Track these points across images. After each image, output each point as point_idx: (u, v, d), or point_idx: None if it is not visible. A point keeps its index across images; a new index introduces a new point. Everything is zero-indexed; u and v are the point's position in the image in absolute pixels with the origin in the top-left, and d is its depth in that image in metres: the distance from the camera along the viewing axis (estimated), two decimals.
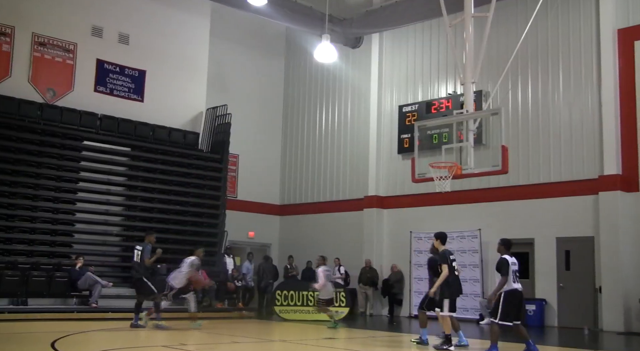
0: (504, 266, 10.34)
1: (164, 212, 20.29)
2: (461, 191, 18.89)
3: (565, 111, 18.14)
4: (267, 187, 25.00)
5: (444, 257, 11.32)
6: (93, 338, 12.68)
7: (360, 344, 12.99)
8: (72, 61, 19.90)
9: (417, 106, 21.35)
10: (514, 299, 10.38)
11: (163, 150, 20.85)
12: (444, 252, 11.46)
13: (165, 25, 21.99)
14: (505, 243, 10.71)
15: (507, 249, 10.64)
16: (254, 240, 24.07)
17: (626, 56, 17.15)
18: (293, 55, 25.89)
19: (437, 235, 11.76)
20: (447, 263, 11.22)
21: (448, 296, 11.32)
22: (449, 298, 11.32)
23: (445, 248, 11.59)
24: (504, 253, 10.57)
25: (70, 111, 19.37)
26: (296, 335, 14.36)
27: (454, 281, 11.35)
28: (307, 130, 24.98)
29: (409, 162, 17.05)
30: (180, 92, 22.08)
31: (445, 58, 20.99)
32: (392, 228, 21.64)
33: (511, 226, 18.47)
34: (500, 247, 10.72)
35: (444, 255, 11.34)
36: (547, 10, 17.63)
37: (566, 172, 17.91)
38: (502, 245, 10.70)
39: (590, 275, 17.01)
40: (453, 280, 11.34)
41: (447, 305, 11.33)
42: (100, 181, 19.41)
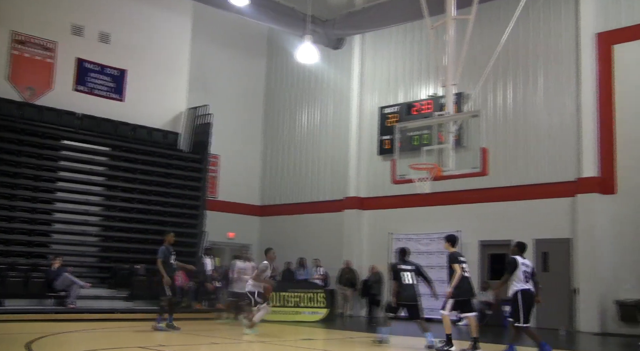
0: (510, 265, 10.69)
1: (143, 213, 20.19)
2: (441, 192, 18.96)
3: (545, 114, 18.28)
4: (247, 187, 24.95)
5: (454, 257, 11.50)
6: (70, 339, 12.58)
7: (338, 345, 13.00)
8: (52, 60, 19.76)
9: (398, 108, 21.42)
10: (529, 299, 10.64)
11: (143, 150, 20.75)
12: (454, 253, 11.61)
13: (147, 24, 21.91)
14: (519, 246, 11.09)
15: (521, 251, 10.97)
16: (234, 241, 24.01)
17: (605, 60, 17.32)
18: (275, 56, 25.87)
19: (447, 238, 11.95)
20: (457, 263, 11.40)
21: (453, 297, 11.41)
22: (454, 298, 11.40)
23: (455, 250, 11.75)
24: (515, 254, 10.88)
25: (50, 110, 19.25)
26: (275, 336, 14.34)
27: (462, 282, 11.42)
28: (288, 131, 24.96)
29: (389, 164, 17.11)
30: (161, 91, 22.00)
31: (426, 60, 21.08)
32: (372, 230, 21.69)
33: (490, 227, 18.60)
34: (514, 249, 11.09)
35: (454, 255, 11.55)
36: (527, 13, 17.76)
37: (545, 174, 18.05)
38: (516, 247, 11.08)
39: (567, 276, 17.15)
40: (462, 281, 11.40)
41: (451, 305, 11.42)
42: (80, 181, 19.28)
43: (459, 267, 11.31)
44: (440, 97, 19.31)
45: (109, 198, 19.97)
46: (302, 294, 18.40)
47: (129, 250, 19.57)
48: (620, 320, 15.98)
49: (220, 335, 13.62)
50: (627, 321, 15.86)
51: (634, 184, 16.46)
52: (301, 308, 18.29)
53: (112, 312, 16.84)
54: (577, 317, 16.67)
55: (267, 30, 25.62)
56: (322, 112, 23.98)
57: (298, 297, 18.37)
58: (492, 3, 19.20)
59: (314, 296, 18.30)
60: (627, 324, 15.88)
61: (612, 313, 16.22)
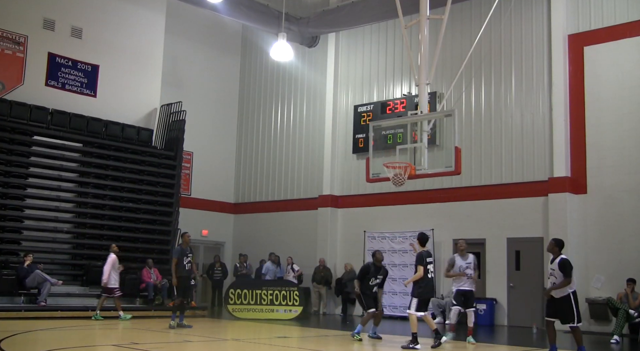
0: (568, 267, 10.05)
1: (116, 209, 20.01)
2: (415, 191, 19.13)
3: (517, 114, 18.48)
4: (221, 185, 24.86)
5: (421, 258, 11.69)
6: (41, 337, 12.43)
7: (313, 343, 13.02)
8: (23, 54, 19.46)
9: (372, 106, 21.49)
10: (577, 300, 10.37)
11: (116, 146, 20.56)
12: (422, 253, 11.78)
13: (120, 19, 21.69)
14: (558, 244, 10.46)
15: (561, 249, 10.42)
16: (208, 238, 23.93)
17: (576, 61, 17.56)
18: (249, 54, 25.80)
19: (418, 237, 12.17)
20: (422, 265, 11.60)
21: (417, 296, 11.62)
22: (418, 297, 11.62)
23: (425, 249, 11.96)
24: (558, 254, 10.31)
25: (20, 105, 18.96)
26: (249, 334, 14.32)
27: (426, 283, 11.70)
28: (263, 129, 24.91)
29: (363, 162, 17.18)
30: (134, 87, 21.80)
31: (400, 59, 21.18)
32: (346, 228, 21.74)
33: (463, 226, 18.75)
34: (554, 248, 10.43)
35: (421, 256, 11.73)
36: (500, 14, 17.93)
37: (517, 174, 18.25)
38: (556, 246, 10.41)
39: (540, 275, 17.32)
40: (426, 281, 11.68)
41: (415, 304, 11.63)
42: (51, 177, 19.04)
43: (422, 269, 11.59)
44: (414, 96, 19.44)
45: (81, 194, 19.74)
46: (276, 292, 18.38)
47: (102, 247, 19.35)
48: (591, 318, 16.23)
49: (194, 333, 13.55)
50: (598, 319, 16.11)
51: (604, 184, 16.72)
52: (275, 306, 18.28)
53: (84, 310, 16.68)
54: None
55: (241, 27, 25.55)
56: (296, 110, 23.97)
57: (272, 295, 18.35)
58: (465, 4, 19.39)
59: (288, 294, 18.30)
60: (597, 322, 16.13)
61: (583, 312, 16.39)
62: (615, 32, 17.03)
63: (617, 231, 16.37)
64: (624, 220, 16.32)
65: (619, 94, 16.78)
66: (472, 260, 12.82)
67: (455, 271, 12.77)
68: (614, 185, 16.56)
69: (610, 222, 16.50)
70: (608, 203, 16.59)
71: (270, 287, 18.60)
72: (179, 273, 14.22)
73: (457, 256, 12.97)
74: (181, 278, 14.28)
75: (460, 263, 12.77)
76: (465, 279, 12.70)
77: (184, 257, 14.28)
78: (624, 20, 16.95)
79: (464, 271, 12.70)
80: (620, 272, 15.75)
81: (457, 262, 12.84)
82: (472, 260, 12.82)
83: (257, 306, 18.29)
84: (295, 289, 18.57)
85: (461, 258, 12.87)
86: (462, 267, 12.73)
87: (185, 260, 14.31)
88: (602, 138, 16.90)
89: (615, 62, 16.97)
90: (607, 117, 16.87)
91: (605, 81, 17.05)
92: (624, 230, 16.26)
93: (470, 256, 12.90)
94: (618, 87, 16.81)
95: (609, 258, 16.36)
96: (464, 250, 12.94)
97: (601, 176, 16.79)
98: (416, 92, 16.52)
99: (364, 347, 12.21)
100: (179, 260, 14.24)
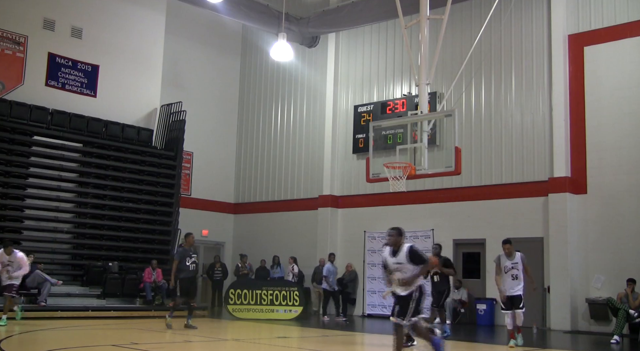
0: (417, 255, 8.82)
1: (116, 210, 20.01)
2: (415, 191, 19.11)
3: (517, 114, 18.47)
4: (221, 185, 24.86)
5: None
6: (41, 337, 12.42)
7: (313, 343, 13.02)
8: (23, 54, 19.46)
9: (372, 106, 21.48)
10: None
11: (116, 146, 20.56)
12: None
13: (120, 19, 21.69)
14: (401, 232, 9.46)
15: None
16: (208, 239, 23.93)
17: (576, 61, 17.56)
18: (249, 54, 25.80)
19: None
20: None
21: None
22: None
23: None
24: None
25: (20, 105, 18.96)
26: (249, 334, 14.32)
27: None
28: (263, 129, 24.91)
29: (363, 162, 17.17)
30: (134, 87, 21.81)
31: (400, 59, 21.18)
32: (346, 228, 21.73)
33: (463, 226, 18.76)
34: (397, 238, 9.61)
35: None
36: (500, 14, 17.94)
37: (517, 174, 18.24)
38: (399, 235, 9.21)
39: (539, 275, 17.33)
40: None
41: None
42: (51, 177, 19.04)
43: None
44: (414, 96, 19.44)
45: (81, 195, 19.75)
46: (276, 292, 18.39)
47: (102, 247, 19.40)
48: (591, 318, 16.23)
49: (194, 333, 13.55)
50: (598, 319, 16.11)
51: (604, 184, 16.71)
52: (276, 306, 18.28)
53: (84, 310, 16.69)
54: (549, 315, 16.88)
55: (241, 27, 25.55)
56: (296, 110, 23.97)
57: (272, 295, 18.35)
58: (465, 4, 19.38)
59: (289, 294, 18.30)
60: (597, 322, 16.13)
61: (583, 311, 16.47)
62: (616, 32, 17.03)
63: (617, 231, 16.36)
64: (624, 220, 16.31)
65: (619, 94, 16.77)
66: (519, 260, 12.24)
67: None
68: (614, 185, 16.56)
69: (610, 222, 16.49)
70: (608, 203, 16.59)
71: (270, 287, 18.61)
72: (182, 275, 14.19)
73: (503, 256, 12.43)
74: (185, 280, 14.25)
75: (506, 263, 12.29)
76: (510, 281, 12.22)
77: (186, 258, 14.25)
78: (624, 20, 16.95)
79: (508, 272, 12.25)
80: (620, 272, 15.74)
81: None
82: (519, 260, 12.24)
83: (257, 307, 18.29)
84: (295, 289, 18.58)
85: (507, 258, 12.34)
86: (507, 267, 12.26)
87: (189, 261, 14.27)
88: (602, 138, 16.89)
89: (616, 62, 16.96)
90: (607, 117, 16.87)
91: (605, 81, 17.04)
92: (624, 230, 16.26)
93: (517, 255, 12.30)
94: (618, 87, 16.80)
95: (609, 258, 16.35)
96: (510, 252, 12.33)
97: (601, 176, 16.79)
98: (416, 92, 16.53)
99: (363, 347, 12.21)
100: (180, 261, 14.20)
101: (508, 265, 12.27)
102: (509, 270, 12.21)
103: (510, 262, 12.27)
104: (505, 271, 12.24)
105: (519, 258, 12.26)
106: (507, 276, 12.24)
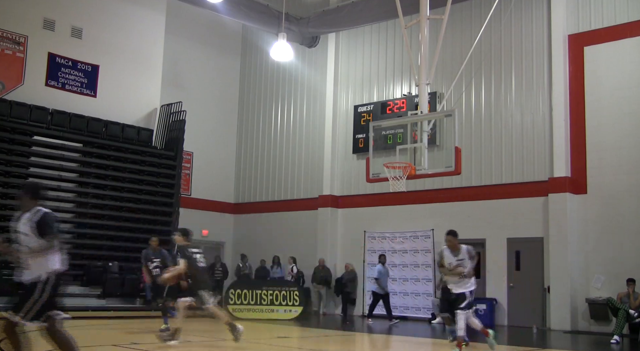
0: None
1: (116, 210, 20.01)
2: (415, 191, 19.09)
3: (517, 114, 18.47)
4: (221, 185, 24.86)
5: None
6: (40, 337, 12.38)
7: (313, 343, 13.02)
8: (23, 54, 19.46)
9: (372, 106, 21.48)
10: None
11: (116, 146, 20.56)
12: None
13: (120, 19, 21.68)
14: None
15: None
16: (208, 239, 23.91)
17: (576, 61, 17.56)
18: (249, 54, 25.80)
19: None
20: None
21: (203, 288, 11.00)
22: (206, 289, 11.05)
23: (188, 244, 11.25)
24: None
25: (20, 105, 18.95)
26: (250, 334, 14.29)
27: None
28: (263, 129, 24.91)
29: (363, 162, 17.16)
30: (134, 87, 21.80)
31: (400, 59, 21.18)
32: (346, 228, 21.73)
33: (463, 226, 18.60)
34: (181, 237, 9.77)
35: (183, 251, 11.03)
36: (500, 14, 17.93)
37: (517, 174, 18.24)
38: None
39: (539, 275, 17.36)
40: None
41: (207, 295, 11.09)
42: (51, 177, 19.03)
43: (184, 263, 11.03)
44: (414, 96, 19.43)
45: (81, 195, 19.74)
46: (276, 292, 18.39)
47: (102, 247, 19.40)
48: (591, 318, 16.24)
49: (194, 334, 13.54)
50: (598, 319, 16.11)
51: (604, 184, 16.72)
52: (276, 306, 18.28)
53: (84, 310, 16.68)
54: (549, 315, 16.88)
55: (241, 27, 25.54)
56: (296, 110, 23.97)
57: (272, 295, 18.35)
58: (465, 4, 19.38)
59: (289, 294, 18.30)
60: (597, 322, 16.14)
61: (583, 311, 16.47)
62: (616, 32, 17.03)
63: (617, 231, 16.36)
64: (623, 220, 16.31)
65: (619, 94, 16.77)
66: (465, 255, 10.48)
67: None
68: (614, 185, 16.56)
69: (610, 222, 16.49)
70: (608, 203, 16.59)
71: (270, 287, 18.61)
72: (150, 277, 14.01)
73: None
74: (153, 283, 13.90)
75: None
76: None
77: (147, 262, 14.09)
78: (624, 20, 16.96)
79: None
80: (620, 272, 15.73)
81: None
82: (465, 255, 10.48)
83: (257, 307, 18.30)
84: (295, 289, 18.59)
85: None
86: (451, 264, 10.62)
87: (151, 265, 14.04)
88: (602, 138, 16.89)
89: (616, 62, 16.96)
90: (607, 117, 16.87)
91: (605, 81, 17.04)
92: (623, 230, 16.25)
93: (462, 249, 10.58)
94: (618, 87, 16.81)
95: (609, 258, 16.35)
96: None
97: (601, 176, 16.79)
98: (416, 92, 16.53)
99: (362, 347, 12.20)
100: (145, 265, 14.04)
101: (453, 261, 10.51)
102: (455, 268, 10.44)
103: (455, 258, 10.49)
104: (450, 269, 10.44)
105: (465, 253, 10.46)
106: (452, 275, 10.51)
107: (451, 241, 10.57)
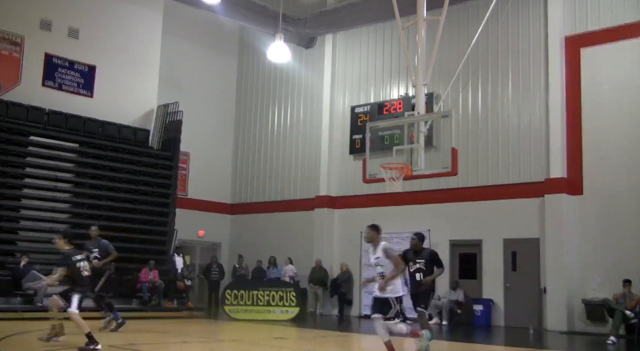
0: None
1: (112, 210, 19.96)
2: (411, 192, 19.11)
3: (514, 115, 18.50)
4: (218, 185, 24.84)
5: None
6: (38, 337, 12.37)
7: (310, 343, 13.02)
8: (19, 54, 19.43)
9: (369, 107, 21.49)
10: None
11: (112, 146, 20.52)
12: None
13: (117, 20, 21.65)
14: None
15: None
16: (204, 239, 23.91)
17: (573, 62, 17.59)
18: (246, 54, 25.80)
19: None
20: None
21: (79, 292, 10.64)
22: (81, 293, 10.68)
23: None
24: None
25: (17, 105, 18.92)
26: (247, 335, 14.31)
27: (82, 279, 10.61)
28: (260, 130, 24.90)
29: (360, 163, 17.15)
30: (131, 88, 21.77)
31: (397, 60, 21.19)
32: (342, 229, 21.74)
33: (460, 227, 18.79)
34: None
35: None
36: (497, 15, 17.95)
37: (514, 175, 18.27)
38: None
39: (536, 275, 17.39)
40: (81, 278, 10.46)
41: (77, 301, 10.71)
42: (47, 177, 18.99)
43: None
44: (411, 97, 19.45)
45: (77, 195, 19.70)
46: (273, 293, 18.38)
47: None
48: (587, 319, 16.26)
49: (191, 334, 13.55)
50: (594, 320, 16.14)
51: (600, 185, 16.75)
52: (272, 307, 18.27)
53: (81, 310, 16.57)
54: (545, 316, 16.91)
55: (238, 28, 25.54)
56: (293, 111, 23.97)
57: (269, 296, 18.34)
58: (462, 5, 19.40)
59: (285, 295, 18.30)
60: (594, 323, 16.17)
61: (579, 312, 16.50)
62: (612, 34, 17.07)
63: (613, 232, 16.39)
64: (620, 221, 16.34)
65: (615, 96, 16.81)
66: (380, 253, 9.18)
67: None
68: (610, 186, 16.59)
69: (607, 223, 16.52)
70: (604, 204, 16.62)
71: (267, 288, 18.59)
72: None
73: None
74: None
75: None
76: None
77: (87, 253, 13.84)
78: (621, 21, 16.99)
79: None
80: (616, 273, 15.75)
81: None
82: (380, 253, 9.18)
83: (253, 307, 18.27)
84: (291, 290, 18.57)
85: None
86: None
87: (91, 256, 13.51)
88: (599, 140, 16.93)
89: (612, 64, 17.00)
90: (604, 118, 16.90)
91: (601, 82, 17.08)
92: (620, 231, 16.28)
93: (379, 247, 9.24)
94: (615, 89, 16.84)
95: (606, 259, 16.38)
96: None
97: (597, 177, 16.82)
98: (413, 93, 16.54)
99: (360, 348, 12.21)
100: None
101: (371, 259, 9.35)
102: (374, 267, 9.32)
103: (374, 256, 9.29)
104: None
105: (381, 252, 9.19)
106: (374, 273, 9.34)
107: (368, 233, 9.33)
